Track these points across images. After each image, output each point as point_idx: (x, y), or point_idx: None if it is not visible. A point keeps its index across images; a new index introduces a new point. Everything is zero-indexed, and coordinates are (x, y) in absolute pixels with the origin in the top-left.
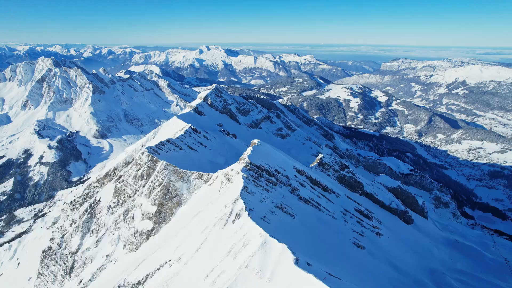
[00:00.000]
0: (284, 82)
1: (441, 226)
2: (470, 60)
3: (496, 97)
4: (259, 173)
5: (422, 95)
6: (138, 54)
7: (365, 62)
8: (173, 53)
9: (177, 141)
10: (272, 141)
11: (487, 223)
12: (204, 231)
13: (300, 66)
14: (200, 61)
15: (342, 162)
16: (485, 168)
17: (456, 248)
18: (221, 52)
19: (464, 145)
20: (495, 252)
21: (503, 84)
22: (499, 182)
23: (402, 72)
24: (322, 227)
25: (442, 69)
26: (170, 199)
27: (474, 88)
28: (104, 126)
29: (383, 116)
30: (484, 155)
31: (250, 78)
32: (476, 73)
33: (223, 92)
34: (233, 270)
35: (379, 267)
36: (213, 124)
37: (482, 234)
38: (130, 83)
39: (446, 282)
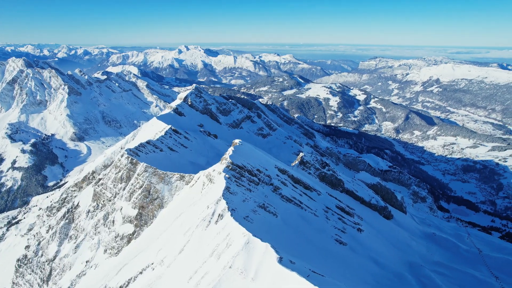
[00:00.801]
0: (264, 81)
1: (419, 220)
2: (443, 59)
3: (467, 94)
4: (241, 173)
5: (399, 93)
6: (116, 55)
7: (344, 61)
8: (151, 53)
9: (157, 143)
10: (253, 140)
11: (461, 215)
12: (187, 233)
13: (280, 65)
14: (179, 61)
15: (323, 160)
16: (459, 163)
17: (433, 241)
18: (200, 52)
19: (439, 141)
20: (469, 243)
21: (473, 82)
22: (471, 176)
23: (379, 70)
24: (305, 225)
25: (417, 67)
26: (151, 202)
27: (447, 86)
28: (81, 129)
29: (362, 114)
30: (458, 150)
31: (230, 78)
32: (449, 72)
33: (203, 92)
34: (217, 271)
35: (361, 262)
36: (194, 125)
37: (457, 227)
38: (107, 84)
39: (424, 274)
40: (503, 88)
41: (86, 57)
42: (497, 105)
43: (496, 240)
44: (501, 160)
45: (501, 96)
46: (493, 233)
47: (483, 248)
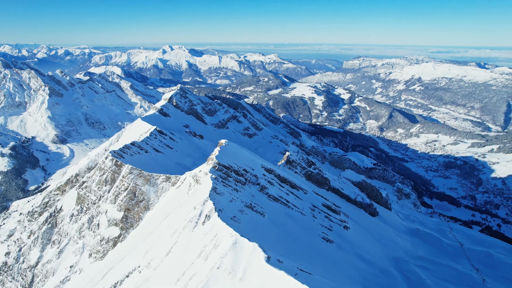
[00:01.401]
0: (250, 81)
1: (403, 216)
2: (424, 58)
3: (448, 92)
4: (227, 173)
5: (382, 91)
6: (98, 55)
7: (328, 60)
8: (135, 54)
9: (142, 144)
10: (239, 140)
11: (443, 210)
12: (174, 234)
13: (265, 65)
14: (164, 61)
15: (309, 159)
16: (441, 160)
17: (417, 236)
18: (185, 52)
19: (421, 138)
20: (451, 238)
21: (453, 80)
22: (453, 172)
23: (363, 70)
24: (292, 223)
25: (400, 66)
26: (137, 204)
27: (428, 84)
28: (64, 131)
29: (347, 113)
30: (440, 147)
31: (215, 78)
32: (430, 70)
33: (188, 93)
34: (205, 272)
35: (347, 259)
36: (179, 125)
37: (439, 222)
38: (90, 85)
39: (409, 269)
40: (481, 87)
41: (67, 58)
42: (476, 103)
43: (476, 234)
44: (480, 156)
45: (479, 94)
46: (474, 227)
47: (464, 241)
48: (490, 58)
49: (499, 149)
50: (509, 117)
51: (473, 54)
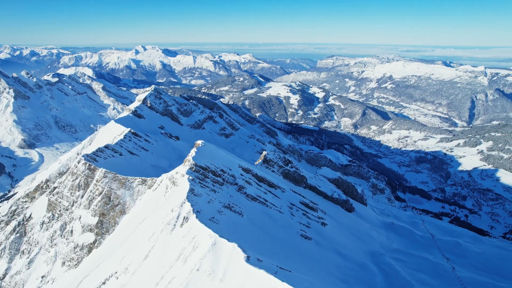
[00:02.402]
0: (225, 81)
1: (378, 211)
2: (394, 56)
3: (417, 90)
4: (204, 174)
5: (355, 90)
6: (67, 56)
7: (302, 60)
8: (106, 54)
9: (116, 147)
10: (216, 141)
11: (416, 204)
12: (152, 238)
13: (240, 65)
14: (137, 62)
15: (286, 158)
16: (412, 155)
17: (392, 229)
18: (158, 52)
19: (394, 134)
20: (423, 230)
21: (422, 78)
22: (424, 167)
23: (337, 68)
24: (270, 222)
25: (372, 65)
26: (113, 208)
27: (399, 82)
28: (32, 135)
29: (322, 111)
30: (411, 143)
31: (190, 78)
32: (400, 69)
33: (163, 94)
34: (184, 274)
35: (326, 255)
36: (154, 127)
37: (412, 215)
38: (59, 87)
39: (385, 262)
40: (447, 84)
41: (33, 58)
42: (443, 99)
43: (446, 225)
44: (448, 151)
45: (446, 91)
46: (444, 218)
47: (435, 233)
48: (455, 56)
49: (465, 143)
50: (473, 112)
51: (439, 53)
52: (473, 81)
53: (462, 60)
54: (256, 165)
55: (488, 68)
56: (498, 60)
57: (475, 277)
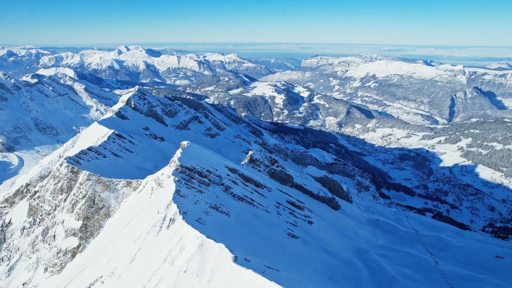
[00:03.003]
0: (210, 81)
1: (364, 208)
2: (377, 56)
3: (400, 88)
4: (190, 175)
5: (339, 89)
6: (47, 56)
7: (287, 59)
8: (88, 55)
9: (100, 149)
10: (201, 141)
11: (400, 200)
12: (137, 241)
13: (225, 65)
14: (120, 62)
15: (272, 157)
16: (396, 152)
17: (377, 226)
18: (142, 53)
19: (378, 132)
20: (407, 226)
21: (404, 77)
22: (407, 164)
23: (321, 68)
24: (258, 222)
25: (355, 64)
26: (97, 211)
27: (382, 81)
28: (10, 138)
29: (307, 110)
30: (394, 140)
31: (174, 79)
32: (383, 68)
33: (147, 94)
34: (172, 277)
35: (313, 253)
36: (139, 128)
37: (397, 211)
38: (39, 88)
39: (371, 258)
40: (428, 83)
41: (11, 59)
42: (425, 97)
43: (429, 220)
44: (430, 148)
45: (427, 90)
46: (427, 213)
47: (419, 228)
48: (435, 56)
49: (446, 140)
50: (453, 110)
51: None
52: (452, 79)
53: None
54: (242, 165)
55: (466, 67)
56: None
57: (457, 270)
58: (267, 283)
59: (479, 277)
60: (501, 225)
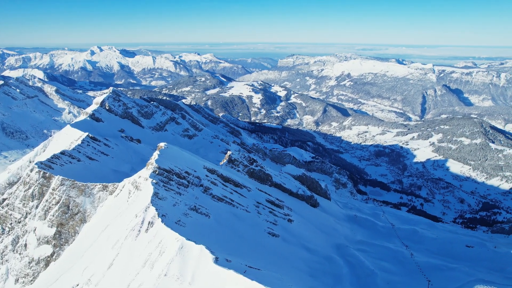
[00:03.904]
0: (186, 81)
1: (342, 204)
2: (352, 55)
3: (374, 86)
4: (169, 177)
5: (316, 87)
6: (13, 57)
7: (263, 59)
8: (59, 55)
9: (73, 152)
10: (179, 142)
11: (376, 196)
12: (115, 246)
13: (201, 65)
14: (93, 63)
15: (251, 157)
16: (372, 149)
17: (355, 222)
18: (115, 53)
19: (354, 130)
20: (384, 220)
21: (378, 75)
22: (382, 160)
23: (297, 67)
24: (238, 222)
25: (331, 63)
26: (72, 217)
27: (357, 79)
28: None
29: (284, 110)
30: (370, 137)
31: (150, 79)
32: (358, 67)
33: (122, 96)
34: (152, 280)
35: (293, 251)
36: (114, 130)
37: (374, 207)
38: (6, 90)
39: (350, 253)
40: (401, 81)
41: None
42: (398, 95)
43: (404, 214)
44: (404, 144)
45: (400, 88)
46: (402, 208)
47: (395, 222)
48: (406, 55)
49: (419, 136)
50: (424, 107)
51: (393, 51)
52: (423, 77)
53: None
54: (221, 166)
55: (435, 66)
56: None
57: (431, 260)
58: (249, 282)
59: (451, 266)
60: (470, 216)
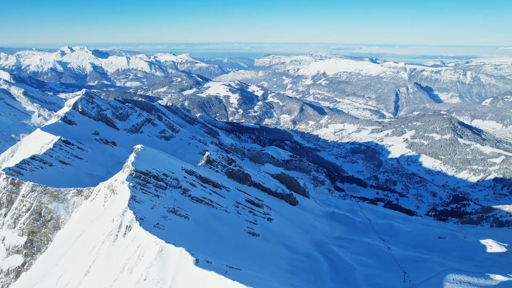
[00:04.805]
0: (162, 82)
1: (320, 202)
2: (327, 54)
3: (349, 85)
4: (146, 180)
5: (292, 87)
6: None
7: (240, 59)
8: (26, 56)
9: (45, 157)
10: (156, 144)
11: (353, 192)
12: (92, 252)
13: (177, 65)
14: (64, 64)
15: (229, 157)
16: (348, 146)
17: (334, 218)
18: (88, 54)
19: (330, 128)
20: (361, 216)
21: (352, 74)
22: (359, 157)
23: (274, 67)
24: (218, 223)
25: (306, 63)
26: (44, 224)
27: (332, 78)
28: None
29: (261, 109)
30: (346, 135)
31: (124, 81)
32: (333, 66)
33: (96, 97)
34: (131, 286)
35: (274, 249)
36: (88, 133)
37: (351, 203)
38: None
39: (329, 249)
40: (375, 79)
41: None
42: (372, 93)
43: (381, 209)
44: (379, 141)
45: (374, 86)
46: (378, 203)
47: (372, 217)
48: (379, 54)
49: (393, 133)
50: (397, 104)
51: (366, 50)
52: (396, 76)
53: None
54: (199, 166)
55: (407, 64)
56: (414, 57)
57: (406, 253)
58: (230, 283)
59: (425, 257)
60: (442, 208)
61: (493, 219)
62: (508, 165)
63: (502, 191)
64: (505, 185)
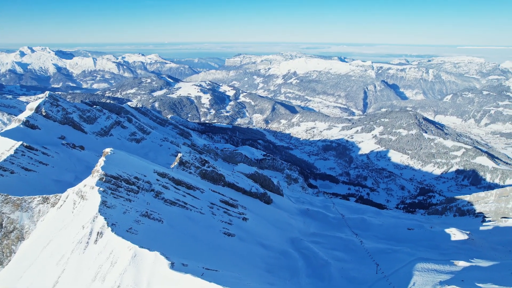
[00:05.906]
0: (131, 83)
1: (294, 199)
2: (297, 54)
3: (319, 84)
4: (117, 184)
5: (264, 86)
6: None
7: (210, 59)
8: None
9: (5, 164)
10: (126, 147)
11: (326, 189)
12: (61, 261)
13: (146, 66)
14: (23, 65)
15: (202, 158)
16: (320, 144)
17: (308, 215)
18: (50, 54)
19: (302, 126)
20: (335, 211)
21: (322, 73)
22: (330, 154)
23: (245, 66)
24: (192, 224)
25: (277, 62)
26: (6, 236)
27: (303, 77)
28: None
29: (233, 109)
30: (317, 133)
31: (91, 82)
32: (303, 65)
33: (61, 100)
34: None
35: (250, 249)
36: (53, 138)
37: (324, 199)
38: None
39: (304, 246)
40: (344, 78)
41: None
42: (341, 91)
43: (353, 204)
44: (349, 137)
45: (343, 84)
46: (350, 198)
47: (344, 212)
48: (348, 53)
49: (362, 130)
50: (366, 102)
51: (335, 49)
52: (364, 74)
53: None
54: (172, 169)
55: (374, 63)
56: (380, 56)
57: (378, 245)
58: (207, 284)
59: (395, 249)
60: (410, 201)
61: (456, 209)
62: (468, 157)
63: (463, 182)
64: (465, 176)
